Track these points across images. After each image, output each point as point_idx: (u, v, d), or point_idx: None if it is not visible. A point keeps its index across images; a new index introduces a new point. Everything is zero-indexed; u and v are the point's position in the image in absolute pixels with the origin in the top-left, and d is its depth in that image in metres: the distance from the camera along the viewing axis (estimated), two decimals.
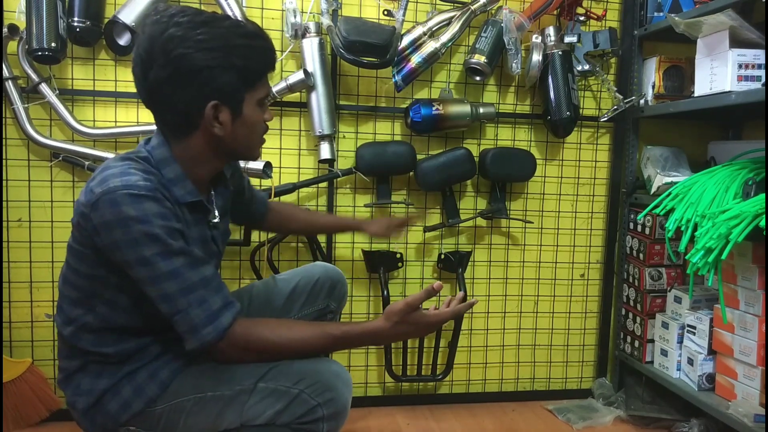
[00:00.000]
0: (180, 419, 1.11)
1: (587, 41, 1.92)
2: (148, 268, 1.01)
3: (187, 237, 1.08)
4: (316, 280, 1.44)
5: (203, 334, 1.04)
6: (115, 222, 0.99)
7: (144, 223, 1.00)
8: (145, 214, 1.00)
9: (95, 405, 1.12)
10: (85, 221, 1.03)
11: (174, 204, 1.07)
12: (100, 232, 1.01)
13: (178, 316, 1.04)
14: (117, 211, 0.99)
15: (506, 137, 2.00)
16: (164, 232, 1.01)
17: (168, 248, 1.02)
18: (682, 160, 1.93)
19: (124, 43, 1.68)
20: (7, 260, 1.74)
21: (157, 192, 1.03)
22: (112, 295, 1.09)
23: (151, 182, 1.04)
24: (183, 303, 1.03)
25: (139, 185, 1.01)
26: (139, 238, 1.00)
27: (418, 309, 1.11)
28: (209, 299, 1.05)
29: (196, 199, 1.12)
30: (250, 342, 1.08)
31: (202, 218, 1.17)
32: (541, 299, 2.09)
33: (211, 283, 1.06)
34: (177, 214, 1.07)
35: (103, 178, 1.03)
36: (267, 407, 1.07)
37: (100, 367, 1.12)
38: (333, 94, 1.81)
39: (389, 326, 1.10)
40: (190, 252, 1.05)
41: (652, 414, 1.87)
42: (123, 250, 1.01)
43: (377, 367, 2.00)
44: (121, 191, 1.00)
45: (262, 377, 1.08)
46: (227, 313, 1.06)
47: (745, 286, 1.60)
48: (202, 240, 1.16)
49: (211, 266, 1.09)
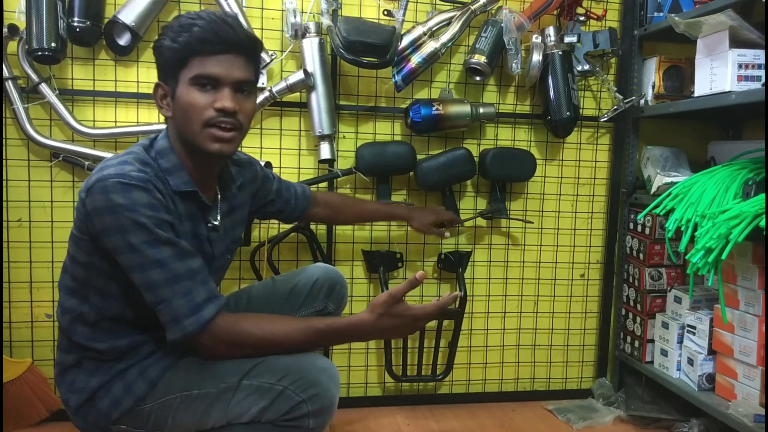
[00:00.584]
0: (168, 417, 1.12)
1: (587, 41, 1.92)
2: (135, 255, 1.03)
3: (177, 229, 1.09)
4: (315, 280, 1.44)
5: (185, 325, 1.05)
6: (104, 208, 1.02)
7: (131, 211, 1.02)
8: (133, 202, 1.03)
9: (87, 402, 1.13)
10: (82, 206, 1.06)
11: (167, 196, 1.09)
12: (92, 217, 1.04)
13: (162, 306, 1.05)
14: (107, 198, 1.02)
15: (506, 137, 2.00)
16: (151, 222, 1.03)
17: (155, 237, 1.04)
18: (682, 160, 1.93)
19: (124, 43, 1.68)
20: (7, 260, 1.74)
21: (149, 183, 1.06)
22: (104, 284, 1.11)
23: (145, 173, 1.06)
24: (167, 293, 1.04)
25: (131, 175, 1.04)
26: (127, 225, 1.02)
27: (402, 301, 1.10)
28: (194, 291, 1.06)
29: (190, 189, 1.13)
30: (232, 335, 1.09)
31: (197, 214, 1.17)
32: (541, 299, 2.09)
33: (197, 276, 1.07)
34: (168, 206, 1.08)
35: (101, 167, 1.07)
36: (252, 404, 1.07)
37: (94, 364, 1.13)
38: (333, 94, 1.81)
39: (374, 318, 1.10)
40: (177, 243, 1.06)
41: (652, 414, 1.87)
42: (112, 236, 1.03)
43: (377, 367, 2.00)
44: (112, 179, 1.03)
45: (247, 374, 1.08)
46: (211, 305, 1.07)
47: (745, 286, 1.60)
48: (195, 237, 1.16)
49: (199, 259, 1.10)
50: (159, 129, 1.73)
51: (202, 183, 1.17)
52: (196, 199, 1.15)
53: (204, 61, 1.08)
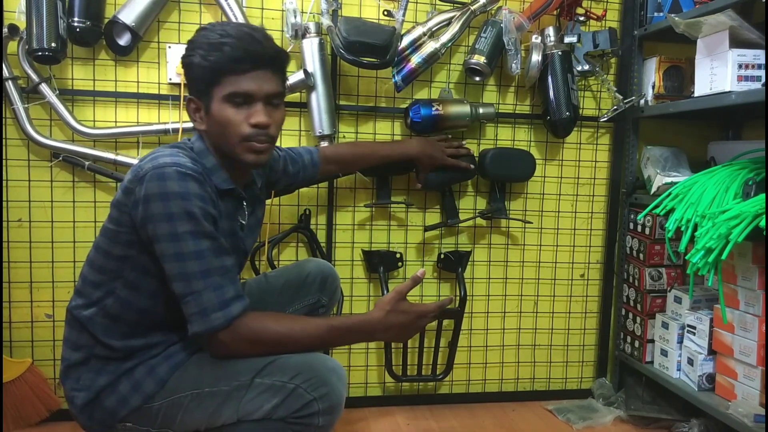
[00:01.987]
0: (177, 415, 1.13)
1: (587, 41, 1.92)
2: (176, 244, 1.05)
3: (219, 226, 1.12)
4: (307, 274, 1.47)
5: (212, 318, 1.06)
6: (157, 194, 1.05)
7: (184, 199, 1.05)
8: (187, 191, 1.06)
9: (93, 401, 1.13)
10: (127, 197, 1.08)
11: (214, 192, 1.13)
12: (140, 204, 1.06)
13: (191, 297, 1.06)
14: (162, 185, 1.05)
15: (506, 137, 2.00)
16: (200, 212, 1.06)
17: (200, 228, 1.06)
18: (682, 160, 1.93)
19: (124, 43, 1.68)
20: (7, 260, 1.74)
21: (201, 176, 1.10)
22: (137, 277, 1.12)
23: (197, 166, 1.11)
24: (200, 285, 1.06)
25: (187, 165, 1.08)
26: (177, 213, 1.04)
27: (406, 299, 1.18)
28: (225, 287, 1.08)
29: (231, 187, 1.18)
30: (253, 332, 1.10)
31: (233, 213, 1.22)
32: (541, 299, 2.09)
33: (228, 273, 1.10)
34: (214, 201, 1.12)
35: (154, 157, 1.10)
36: (264, 402, 1.08)
37: (101, 363, 1.14)
38: (333, 94, 1.81)
39: (382, 315, 1.16)
40: (218, 238, 1.09)
41: (652, 414, 1.87)
42: (157, 223, 1.05)
43: (377, 367, 2.00)
44: (170, 167, 1.06)
45: (259, 373, 1.10)
46: (238, 303, 1.09)
47: (745, 286, 1.60)
48: (231, 234, 1.20)
49: (232, 258, 1.13)
50: (159, 129, 1.73)
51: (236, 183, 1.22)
52: (236, 196, 1.21)
53: (236, 79, 1.12)
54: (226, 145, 1.16)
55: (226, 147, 1.16)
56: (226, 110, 1.13)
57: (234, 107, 1.13)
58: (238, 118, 1.13)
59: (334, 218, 1.91)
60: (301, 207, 1.88)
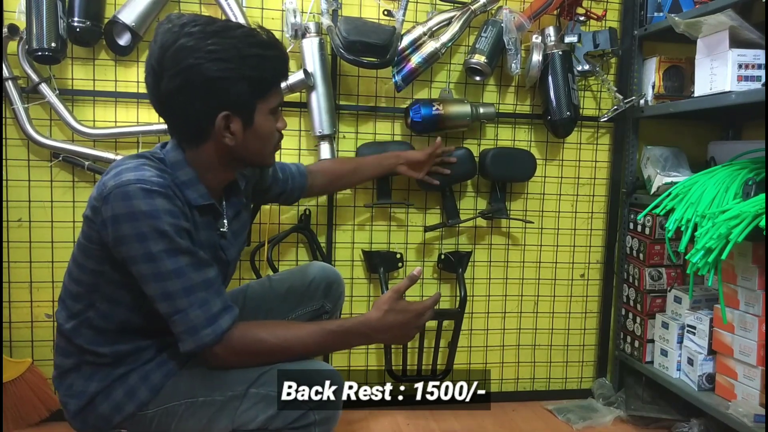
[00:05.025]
0: (171, 423, 1.11)
1: (587, 41, 1.92)
2: (152, 264, 1.01)
3: (195, 239, 1.08)
4: (311, 279, 1.44)
5: (202, 336, 1.04)
6: (125, 215, 0.99)
7: (153, 218, 1.00)
8: (155, 209, 1.00)
9: (87, 407, 1.12)
10: (95, 215, 1.03)
11: (185, 204, 1.07)
12: (108, 225, 1.01)
13: (178, 316, 1.03)
14: (128, 205, 0.99)
15: (506, 137, 2.00)
16: (172, 230, 1.01)
17: (175, 246, 1.02)
18: (682, 160, 1.93)
19: (124, 43, 1.68)
20: (7, 260, 1.74)
21: (169, 189, 1.04)
22: (113, 292, 1.09)
23: (164, 179, 1.04)
24: (184, 303, 1.02)
25: (152, 181, 1.01)
26: (148, 232, 0.99)
27: (404, 298, 1.16)
28: (210, 301, 1.05)
29: (208, 202, 1.12)
30: (247, 344, 1.08)
31: (212, 223, 1.17)
32: (541, 299, 2.09)
33: (212, 286, 1.06)
34: (186, 214, 1.07)
35: (117, 172, 1.03)
36: (259, 413, 1.06)
37: (93, 368, 1.12)
38: (333, 94, 1.81)
39: (381, 315, 1.13)
40: (196, 252, 1.05)
41: (652, 414, 1.87)
42: (129, 245, 1.00)
43: (377, 367, 2.00)
44: (134, 185, 1.00)
45: (254, 383, 1.08)
46: (226, 316, 1.06)
47: (745, 286, 1.60)
48: (210, 245, 1.16)
49: (214, 269, 1.09)
50: (159, 129, 1.73)
51: (214, 192, 1.17)
52: (213, 210, 1.16)
53: (279, 90, 1.12)
54: (258, 156, 1.15)
55: (257, 158, 1.16)
56: (270, 122, 1.12)
57: (274, 117, 1.14)
58: (276, 127, 1.15)
59: (334, 218, 1.91)
60: (301, 207, 1.87)
